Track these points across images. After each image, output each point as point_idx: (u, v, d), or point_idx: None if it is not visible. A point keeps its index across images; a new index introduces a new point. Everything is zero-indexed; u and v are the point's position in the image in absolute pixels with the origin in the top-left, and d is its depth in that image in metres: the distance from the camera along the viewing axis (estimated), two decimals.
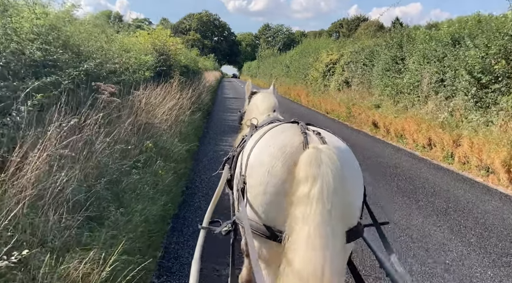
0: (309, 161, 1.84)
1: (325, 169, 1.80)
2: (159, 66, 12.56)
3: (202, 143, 10.74)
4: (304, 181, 1.81)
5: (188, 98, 12.43)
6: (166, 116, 7.47)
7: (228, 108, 20.55)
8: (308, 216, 1.75)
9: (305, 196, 1.78)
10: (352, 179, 2.04)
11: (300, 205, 1.79)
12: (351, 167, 2.11)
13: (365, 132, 14.12)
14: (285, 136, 2.11)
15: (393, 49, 14.07)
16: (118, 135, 4.72)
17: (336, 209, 1.78)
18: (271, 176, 1.98)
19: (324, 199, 1.76)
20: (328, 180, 1.78)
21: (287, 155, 1.98)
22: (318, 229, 1.73)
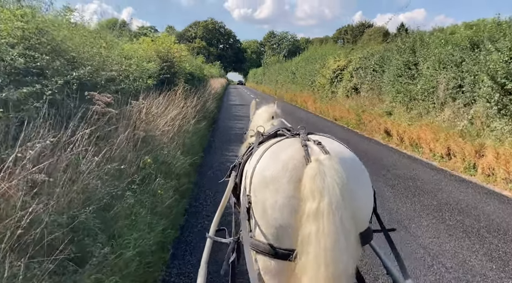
0: (313, 175, 1.81)
1: (330, 182, 1.77)
2: (162, 74, 12.08)
3: (207, 153, 10.20)
4: (311, 197, 1.78)
5: (193, 107, 11.92)
6: (168, 127, 6.93)
7: (234, 116, 20.03)
8: (321, 232, 1.72)
9: (314, 212, 1.75)
10: (359, 186, 2.00)
11: (311, 221, 1.76)
12: (356, 174, 2.05)
13: (377, 141, 13.51)
14: (287, 153, 2.07)
15: (405, 54, 13.49)
16: (111, 152, 4.17)
17: (348, 218, 1.76)
18: (276, 195, 1.94)
19: (335, 212, 1.74)
20: (335, 193, 1.76)
21: (291, 172, 1.95)
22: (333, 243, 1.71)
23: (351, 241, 1.79)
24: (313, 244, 1.74)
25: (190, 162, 7.25)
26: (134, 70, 8.89)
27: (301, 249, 1.79)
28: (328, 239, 1.72)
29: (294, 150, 2.08)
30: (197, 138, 10.14)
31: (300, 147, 2.07)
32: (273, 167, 2.05)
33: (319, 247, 1.73)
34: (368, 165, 2.93)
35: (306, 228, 1.78)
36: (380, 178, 8.31)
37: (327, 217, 1.73)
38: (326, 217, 1.73)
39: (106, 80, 7.17)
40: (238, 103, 29.93)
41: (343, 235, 1.74)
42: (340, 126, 17.59)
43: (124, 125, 5.30)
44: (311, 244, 1.75)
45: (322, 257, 1.71)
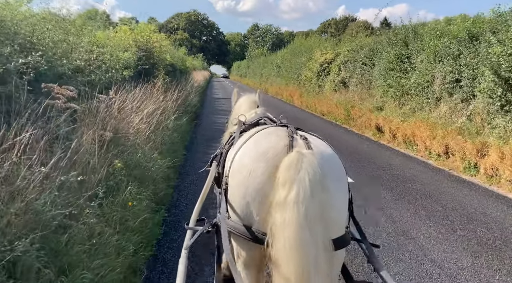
0: (289, 164, 1.82)
1: (303, 174, 1.79)
2: (140, 65, 11.21)
3: (189, 151, 9.43)
4: (282, 185, 1.80)
5: (174, 101, 11.11)
6: (144, 125, 6.14)
7: (218, 110, 19.21)
8: (285, 222, 1.74)
9: (282, 201, 1.78)
10: (333, 186, 1.97)
11: (278, 210, 1.78)
12: (333, 174, 2.03)
13: (368, 137, 12.94)
14: (270, 140, 2.09)
15: (397, 46, 12.91)
16: (69, 158, 3.38)
17: (314, 214, 1.76)
18: (252, 178, 1.97)
19: (300, 204, 1.75)
20: (304, 185, 1.77)
21: (270, 158, 1.96)
22: (296, 235, 1.72)
23: (318, 237, 1.75)
24: (279, 232, 1.75)
25: (170, 163, 6.48)
26: (107, 59, 8.04)
27: (271, 237, 1.79)
28: (291, 230, 1.72)
29: (278, 138, 2.07)
30: (178, 135, 9.34)
31: (285, 136, 2.07)
32: (254, 151, 2.06)
33: (284, 235, 1.73)
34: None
35: (273, 217, 1.79)
36: (377, 179, 7.70)
37: (292, 208, 1.74)
38: (291, 208, 1.74)
39: (74, 71, 6.34)
40: (222, 96, 29.05)
41: (308, 228, 1.73)
42: (328, 121, 17.00)
43: (89, 123, 4.50)
44: (277, 232, 1.76)
45: (287, 248, 1.71)
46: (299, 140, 2.05)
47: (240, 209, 2.05)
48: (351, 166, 8.72)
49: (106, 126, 5.06)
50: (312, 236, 1.74)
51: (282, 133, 2.13)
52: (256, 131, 2.29)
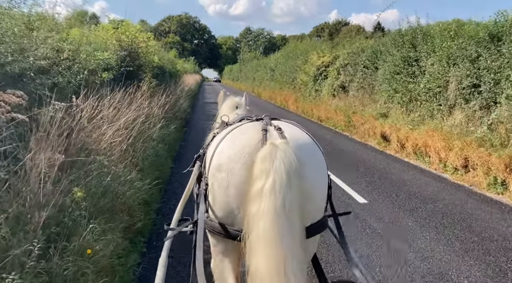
0: (264, 157, 1.84)
1: (278, 164, 1.79)
2: (124, 66, 10.12)
3: (178, 163, 8.36)
4: (259, 177, 1.81)
5: (161, 106, 10.04)
6: (120, 138, 5.06)
7: (210, 116, 18.06)
8: (262, 212, 1.74)
9: (258, 192, 1.78)
10: (310, 174, 1.97)
11: (254, 201, 1.78)
12: (310, 160, 2.03)
13: (372, 146, 11.97)
14: (245, 137, 2.10)
15: (404, 48, 11.97)
16: None
17: (292, 203, 1.77)
18: (231, 178, 1.98)
19: (276, 193, 1.75)
20: (280, 174, 1.77)
21: (246, 156, 1.97)
22: (272, 225, 1.71)
23: (295, 226, 1.77)
24: (254, 222, 1.75)
25: (152, 184, 5.39)
26: (83, 59, 6.96)
27: (247, 229, 1.80)
28: (267, 218, 1.72)
29: (252, 134, 2.08)
30: (165, 146, 8.26)
31: (259, 131, 2.07)
32: (230, 150, 2.06)
33: (259, 226, 1.73)
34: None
35: (250, 207, 1.80)
36: (393, 199, 6.69)
37: (268, 197, 1.75)
38: (268, 197, 1.75)
39: (38, 72, 5.25)
40: (214, 101, 27.96)
41: (285, 216, 1.73)
42: (327, 128, 16.02)
43: (41, 139, 3.41)
44: (253, 223, 1.76)
45: (262, 237, 1.71)
46: (273, 132, 2.06)
47: (221, 208, 2.05)
48: (359, 181, 7.72)
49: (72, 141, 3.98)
50: (289, 226, 1.74)
51: (256, 128, 2.14)
52: (232, 129, 2.27)
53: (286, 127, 2.17)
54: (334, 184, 7.42)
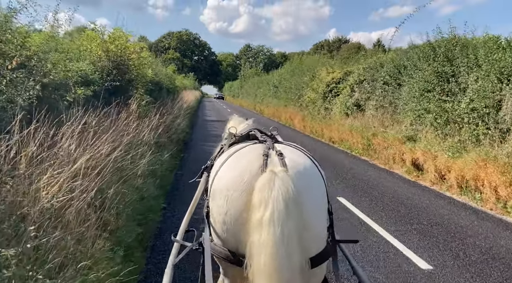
0: (262, 186, 1.84)
1: (276, 194, 1.80)
2: (109, 81, 8.45)
3: (172, 201, 6.61)
4: (258, 207, 1.81)
5: (154, 129, 8.32)
6: (81, 186, 3.30)
7: (211, 136, 16.34)
8: (262, 243, 1.75)
9: (258, 222, 1.78)
10: (310, 201, 1.97)
11: (255, 231, 1.79)
12: (308, 188, 2.03)
13: (400, 175, 10.22)
14: (246, 162, 2.08)
15: (437, 62, 10.33)
16: None
17: (290, 232, 1.77)
18: (230, 204, 1.97)
19: (275, 224, 1.75)
20: (278, 204, 1.78)
21: (245, 183, 1.96)
22: (272, 258, 1.72)
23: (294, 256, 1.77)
24: (255, 253, 1.76)
25: (128, 252, 3.60)
26: (49, 70, 5.26)
27: (248, 259, 1.81)
28: (267, 251, 1.73)
29: (252, 159, 2.08)
30: (155, 181, 6.50)
31: (260, 156, 2.07)
32: (230, 175, 2.06)
33: (260, 257, 1.74)
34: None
35: (251, 237, 1.80)
36: (464, 261, 4.89)
37: (268, 228, 1.75)
38: (267, 228, 1.75)
39: None
40: (215, 119, 26.31)
41: (284, 247, 1.74)
42: (341, 151, 14.28)
43: None
44: (254, 253, 1.77)
45: (262, 268, 1.73)
46: (274, 158, 2.05)
47: (220, 233, 2.06)
48: (408, 230, 5.95)
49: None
50: (287, 257, 1.74)
51: (257, 152, 2.13)
52: (234, 151, 2.27)
53: (288, 152, 2.16)
54: (379, 235, 5.64)
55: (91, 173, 3.79)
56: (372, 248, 5.19)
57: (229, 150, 2.41)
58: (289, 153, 2.15)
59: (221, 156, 2.40)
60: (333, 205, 4.24)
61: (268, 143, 2.26)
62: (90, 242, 3.08)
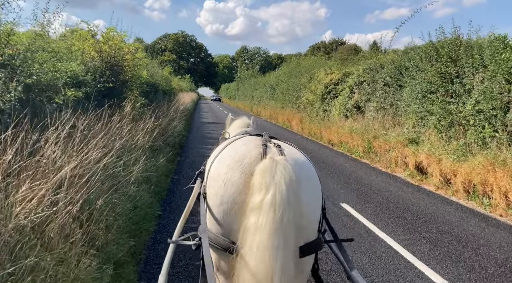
0: (264, 170, 1.86)
1: (278, 178, 1.82)
2: (103, 82, 8.11)
3: (167, 214, 6.25)
4: (258, 190, 1.82)
5: (149, 132, 7.98)
6: (66, 198, 2.96)
7: (207, 138, 16.04)
8: (260, 225, 1.74)
9: (258, 205, 1.79)
10: (307, 192, 2.01)
11: (253, 214, 1.79)
12: (306, 180, 2.07)
13: (403, 179, 9.92)
14: (245, 148, 2.12)
15: (440, 62, 10.05)
16: None
17: (289, 218, 1.78)
18: (228, 186, 1.98)
19: (276, 206, 1.76)
20: (281, 189, 1.80)
21: (245, 166, 1.99)
22: (269, 239, 1.73)
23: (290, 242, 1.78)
24: (250, 234, 1.75)
25: (118, 270, 3.26)
26: (36, 70, 4.92)
27: (241, 241, 1.80)
28: (264, 232, 1.73)
29: (252, 146, 2.12)
30: (149, 187, 6.16)
31: (259, 144, 2.12)
32: (229, 160, 2.07)
33: (255, 237, 1.74)
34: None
35: (247, 219, 1.80)
36: (481, 274, 4.58)
37: (268, 210, 1.75)
38: (267, 210, 1.76)
39: None
40: (212, 121, 25.98)
41: (282, 231, 1.74)
42: (341, 154, 13.98)
43: None
44: (249, 235, 1.76)
45: (255, 248, 1.72)
46: (272, 148, 2.10)
47: (218, 217, 2.02)
48: (416, 239, 5.63)
49: None
50: (284, 241, 1.75)
51: (256, 142, 2.18)
52: (233, 140, 2.31)
53: (285, 146, 2.22)
54: (387, 245, 5.32)
55: (78, 182, 3.45)
56: (381, 259, 4.87)
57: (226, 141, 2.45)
58: (286, 147, 2.20)
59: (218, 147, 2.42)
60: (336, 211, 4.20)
61: (265, 136, 2.30)
62: (75, 261, 2.74)
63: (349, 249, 5.10)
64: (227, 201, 1.95)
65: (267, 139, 2.22)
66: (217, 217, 2.01)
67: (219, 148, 2.33)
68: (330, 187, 8.63)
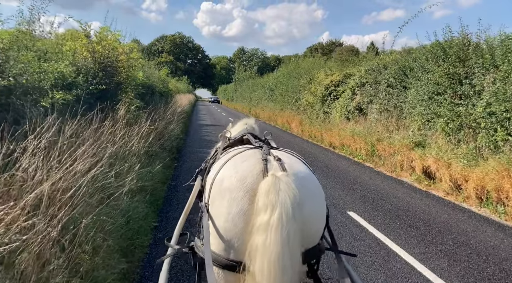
0: (267, 189, 1.86)
1: (283, 197, 1.83)
2: (95, 84, 7.68)
3: (163, 224, 5.83)
4: (264, 210, 1.83)
5: (145, 136, 7.57)
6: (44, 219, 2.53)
7: (206, 141, 15.58)
8: (268, 245, 1.76)
9: (264, 224, 1.79)
10: (311, 205, 2.02)
11: (260, 233, 1.79)
12: (310, 193, 2.07)
13: (410, 184, 9.53)
14: (246, 166, 2.10)
15: (447, 63, 9.67)
16: None
17: (295, 233, 1.82)
18: (231, 206, 1.96)
19: (284, 226, 1.78)
20: (287, 207, 1.81)
21: (248, 186, 1.98)
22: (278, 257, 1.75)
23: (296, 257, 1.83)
24: (259, 255, 1.77)
25: None
26: (17, 71, 4.50)
27: (249, 261, 1.82)
28: (274, 251, 1.75)
29: (253, 163, 2.10)
30: (145, 196, 5.73)
31: (259, 160, 2.10)
32: (231, 178, 2.06)
33: (264, 258, 1.75)
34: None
35: (254, 239, 1.81)
36: None
37: (276, 230, 1.77)
38: (275, 230, 1.77)
39: None
40: (210, 123, 25.53)
41: (288, 249, 1.78)
42: (343, 157, 13.57)
43: None
44: (257, 255, 1.77)
45: (266, 268, 1.74)
46: (273, 163, 2.09)
47: (220, 235, 2.00)
48: (433, 253, 5.22)
49: None
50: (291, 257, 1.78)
51: (256, 156, 2.16)
52: (232, 155, 2.28)
53: (286, 158, 2.19)
54: (403, 260, 4.91)
55: (62, 198, 3.02)
56: (398, 277, 4.46)
57: (227, 154, 2.42)
58: (286, 158, 2.19)
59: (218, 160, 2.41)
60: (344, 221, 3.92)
61: (264, 148, 2.29)
62: None
63: (363, 265, 4.69)
64: (232, 220, 1.94)
65: (267, 152, 2.21)
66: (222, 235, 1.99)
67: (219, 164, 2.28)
68: (335, 193, 8.22)
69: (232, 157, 2.26)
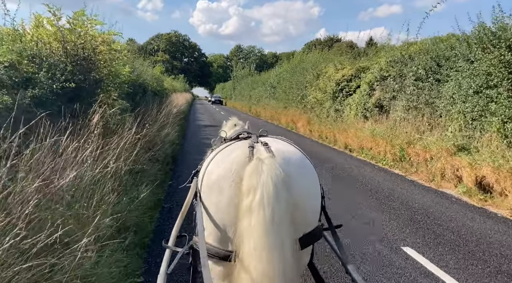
0: (251, 173, 1.85)
1: (265, 178, 1.80)
2: (62, 81, 5.89)
3: (155, 249, 4.07)
4: (247, 193, 1.82)
5: (130, 147, 5.79)
6: None
7: (206, 146, 13.70)
8: (251, 228, 1.74)
9: (247, 208, 1.78)
10: (300, 184, 1.98)
11: (244, 217, 1.78)
12: (298, 172, 2.03)
13: (458, 198, 7.78)
14: (234, 155, 2.08)
15: (499, 51, 7.89)
16: None
17: (281, 216, 1.76)
18: (221, 195, 1.97)
19: (265, 206, 1.75)
20: (267, 188, 1.78)
21: (234, 173, 1.96)
22: (262, 240, 1.71)
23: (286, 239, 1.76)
24: (246, 238, 1.74)
25: None
26: None
27: (238, 246, 1.79)
28: (257, 233, 1.72)
29: (240, 151, 2.08)
30: (122, 243, 3.93)
31: (246, 148, 2.07)
32: (219, 169, 2.06)
33: (250, 241, 1.72)
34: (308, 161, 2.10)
35: (241, 223, 1.80)
36: None
37: (257, 212, 1.74)
38: (257, 212, 1.74)
39: None
40: (209, 123, 23.68)
41: (274, 229, 1.73)
42: (363, 162, 11.80)
43: None
44: (244, 239, 1.75)
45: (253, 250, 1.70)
46: (259, 148, 2.07)
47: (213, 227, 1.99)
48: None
49: None
50: (280, 239, 1.73)
51: (243, 145, 2.14)
52: (221, 149, 2.26)
53: (273, 142, 2.20)
54: None
55: None
56: None
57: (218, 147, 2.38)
58: (275, 143, 2.19)
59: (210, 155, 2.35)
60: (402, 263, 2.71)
61: (253, 137, 2.30)
62: None
63: None
64: (223, 209, 1.92)
65: (255, 140, 2.21)
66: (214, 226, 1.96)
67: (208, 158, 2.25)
68: (375, 217, 6.44)
69: (220, 151, 2.21)
